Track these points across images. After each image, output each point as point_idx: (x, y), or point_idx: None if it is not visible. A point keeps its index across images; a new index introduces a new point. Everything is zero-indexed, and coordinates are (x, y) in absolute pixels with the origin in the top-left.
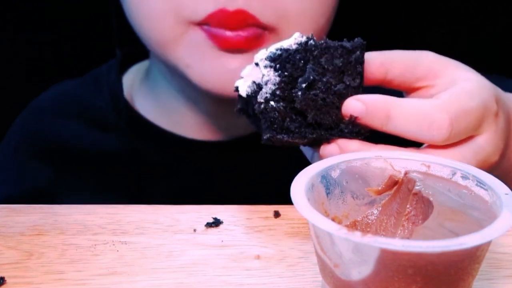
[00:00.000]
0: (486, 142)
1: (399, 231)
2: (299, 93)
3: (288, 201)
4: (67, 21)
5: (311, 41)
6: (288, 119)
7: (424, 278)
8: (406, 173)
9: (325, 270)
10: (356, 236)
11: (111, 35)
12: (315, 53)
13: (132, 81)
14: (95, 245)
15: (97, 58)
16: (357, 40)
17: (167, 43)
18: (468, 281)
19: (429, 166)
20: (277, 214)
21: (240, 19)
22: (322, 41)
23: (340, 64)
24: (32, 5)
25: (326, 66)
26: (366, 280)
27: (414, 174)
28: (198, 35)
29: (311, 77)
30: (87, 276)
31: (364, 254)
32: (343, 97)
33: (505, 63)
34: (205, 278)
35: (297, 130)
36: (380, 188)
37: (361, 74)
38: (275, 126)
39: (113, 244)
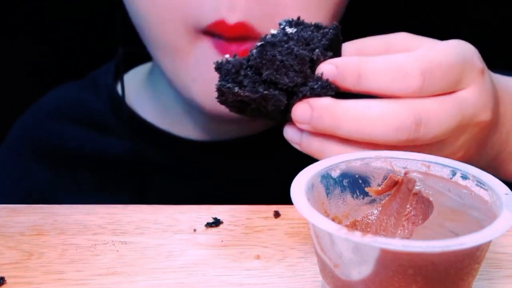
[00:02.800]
0: (472, 95)
1: (399, 231)
2: (254, 50)
3: (288, 201)
4: (68, 22)
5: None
6: (242, 73)
7: (424, 278)
8: (406, 173)
9: (325, 270)
10: (356, 236)
11: (113, 36)
12: (284, 26)
13: (131, 82)
14: (95, 245)
15: (98, 59)
16: (332, 23)
17: (177, 50)
18: (468, 281)
19: (429, 166)
20: (277, 214)
21: (240, 32)
22: (296, 18)
23: (306, 36)
24: (33, 6)
25: (291, 36)
26: (366, 280)
27: (414, 174)
28: (207, 45)
29: (268, 37)
30: (87, 276)
31: (364, 254)
32: (304, 63)
33: (505, 57)
34: (205, 278)
35: (250, 84)
36: (380, 188)
37: (332, 47)
38: (228, 77)
39: (113, 244)
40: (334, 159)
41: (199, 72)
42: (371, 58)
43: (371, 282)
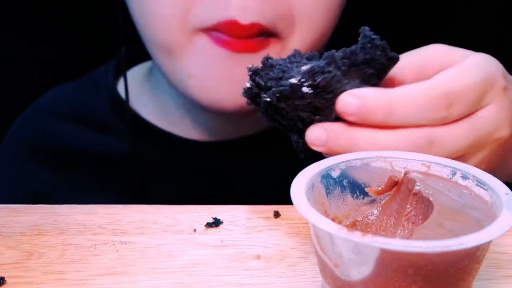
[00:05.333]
0: (492, 113)
1: (399, 231)
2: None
3: (288, 201)
4: (68, 22)
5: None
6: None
7: (424, 278)
8: (406, 173)
9: (325, 270)
10: (356, 236)
11: (112, 36)
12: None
13: (131, 82)
14: (95, 245)
15: (98, 60)
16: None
17: (173, 47)
18: (468, 281)
19: (429, 166)
20: (277, 214)
21: (253, 32)
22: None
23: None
24: (33, 6)
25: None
26: (366, 280)
27: (414, 174)
28: (204, 41)
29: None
30: (87, 276)
31: (364, 254)
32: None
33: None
34: (205, 278)
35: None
36: (380, 188)
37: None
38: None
39: (113, 244)
40: (334, 159)
41: (195, 68)
42: (396, 91)
43: (371, 282)
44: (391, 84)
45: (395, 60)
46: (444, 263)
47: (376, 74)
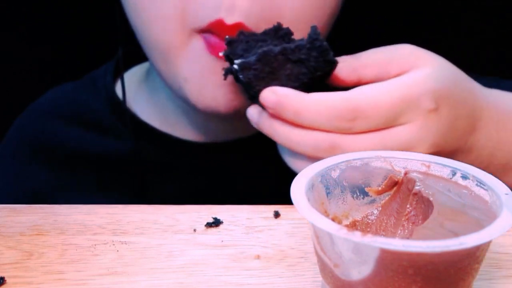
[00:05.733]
0: (409, 132)
1: (399, 231)
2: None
3: (288, 201)
4: (67, 22)
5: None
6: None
7: (424, 278)
8: (406, 173)
9: (325, 270)
10: (356, 236)
11: (112, 36)
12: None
13: (129, 83)
14: (95, 245)
15: (98, 60)
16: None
17: (170, 49)
18: (468, 281)
19: (429, 166)
20: (277, 214)
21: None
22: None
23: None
24: (32, 6)
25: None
26: (366, 280)
27: (414, 174)
28: (199, 44)
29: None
30: (87, 276)
31: (364, 254)
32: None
33: (504, 64)
34: (205, 278)
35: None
36: (380, 188)
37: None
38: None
39: (113, 244)
40: (334, 159)
41: (190, 72)
42: (309, 96)
43: (371, 282)
44: (338, 80)
45: (332, 64)
46: (444, 263)
47: (308, 74)
